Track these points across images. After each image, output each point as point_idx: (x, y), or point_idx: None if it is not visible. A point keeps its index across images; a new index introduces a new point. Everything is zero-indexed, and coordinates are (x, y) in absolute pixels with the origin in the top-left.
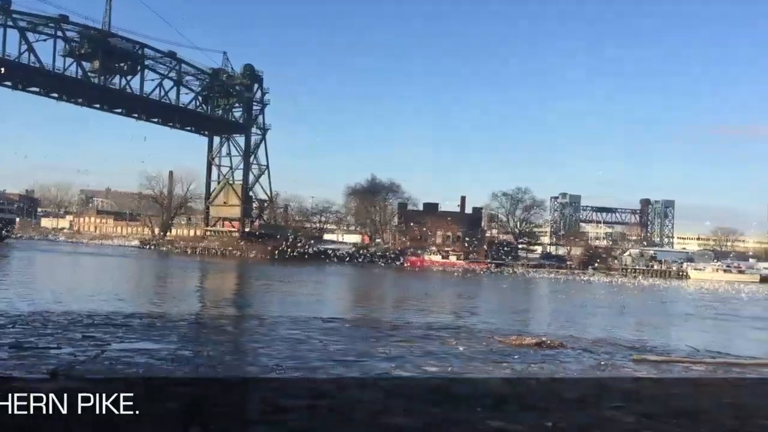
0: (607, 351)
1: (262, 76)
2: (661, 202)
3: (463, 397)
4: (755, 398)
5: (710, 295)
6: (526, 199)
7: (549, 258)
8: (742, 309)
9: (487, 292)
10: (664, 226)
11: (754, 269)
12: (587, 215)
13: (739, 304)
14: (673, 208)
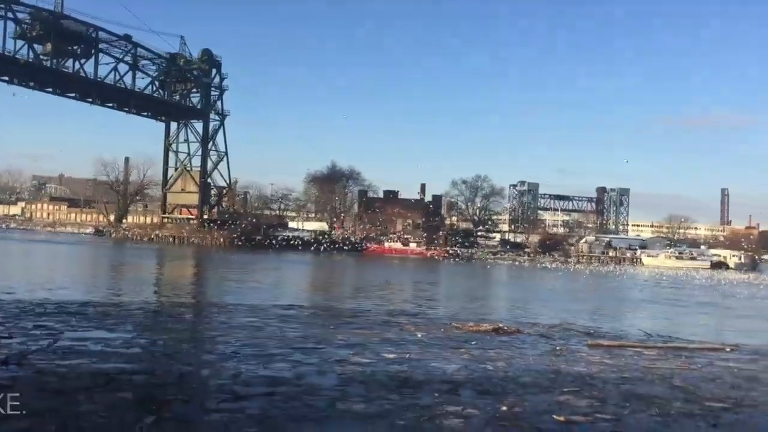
0: (563, 336)
1: (220, 62)
2: (616, 190)
3: (421, 383)
4: (704, 381)
5: (662, 281)
6: (485, 187)
7: (507, 245)
8: (693, 295)
9: (446, 279)
10: (620, 213)
11: (704, 256)
12: (545, 203)
13: (689, 290)
14: (628, 196)
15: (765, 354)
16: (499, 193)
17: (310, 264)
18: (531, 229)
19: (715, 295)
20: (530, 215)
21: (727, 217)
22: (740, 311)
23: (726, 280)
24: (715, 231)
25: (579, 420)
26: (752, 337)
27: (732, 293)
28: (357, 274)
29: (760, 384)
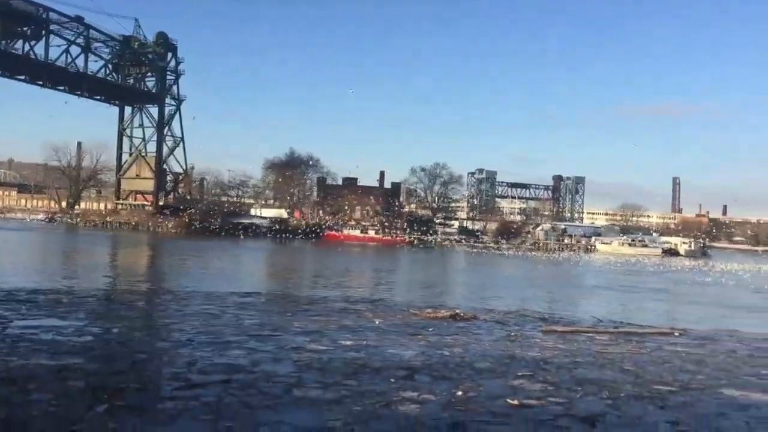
0: (518, 322)
1: (176, 45)
2: (572, 178)
3: (378, 369)
4: (653, 365)
5: (616, 268)
6: (444, 175)
7: (465, 233)
8: (645, 281)
9: (404, 266)
10: (575, 201)
11: (656, 243)
12: (503, 191)
13: (642, 276)
14: (584, 184)
15: (712, 338)
16: (458, 181)
17: (268, 251)
18: (489, 216)
19: (665, 282)
20: (488, 203)
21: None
22: (689, 297)
23: (676, 266)
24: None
25: (532, 404)
26: (700, 323)
27: (682, 280)
28: (315, 262)
29: (706, 367)
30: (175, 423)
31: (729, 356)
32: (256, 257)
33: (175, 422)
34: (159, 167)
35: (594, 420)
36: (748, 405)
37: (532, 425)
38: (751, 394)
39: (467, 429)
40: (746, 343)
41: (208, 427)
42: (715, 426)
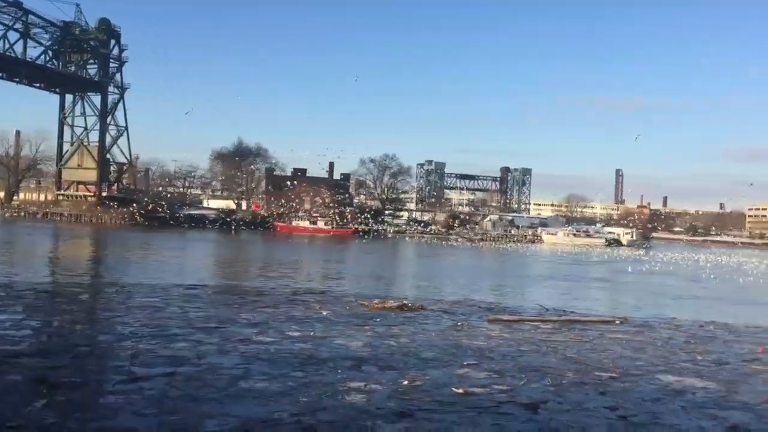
0: (465, 312)
1: (119, 32)
2: (519, 170)
3: (325, 360)
4: (595, 352)
5: (561, 258)
6: (393, 166)
7: (415, 223)
8: (588, 271)
9: (353, 258)
10: (522, 193)
11: (600, 234)
12: (451, 182)
13: (585, 266)
14: (530, 176)
15: (651, 326)
16: (407, 172)
17: (215, 243)
18: (438, 207)
19: (608, 271)
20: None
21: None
22: (630, 286)
23: (619, 256)
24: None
25: (477, 392)
26: (640, 311)
27: (624, 269)
28: (264, 253)
29: (644, 354)
30: (118, 417)
31: (666, 343)
32: (203, 249)
33: (118, 416)
34: (102, 157)
35: (536, 407)
36: (683, 390)
37: (477, 413)
38: (687, 379)
39: (413, 417)
40: (683, 330)
41: (152, 420)
42: (652, 411)
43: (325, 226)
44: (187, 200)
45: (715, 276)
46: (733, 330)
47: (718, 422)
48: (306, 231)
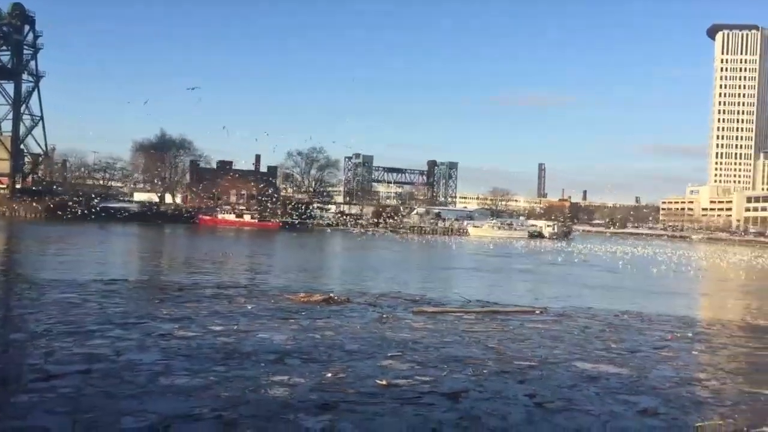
0: (390, 305)
1: (34, 18)
2: (446, 163)
3: (248, 354)
4: (515, 342)
5: (486, 250)
6: (321, 159)
7: (343, 216)
8: (512, 263)
9: (280, 251)
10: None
11: (523, 226)
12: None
13: (509, 258)
14: (457, 169)
15: (569, 316)
16: (335, 165)
17: (137, 237)
18: (365, 200)
19: (531, 263)
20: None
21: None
22: (551, 277)
23: (541, 248)
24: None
25: (400, 383)
26: (559, 301)
27: (545, 261)
28: (188, 247)
29: (562, 343)
30: (30, 416)
31: (583, 332)
32: (124, 243)
33: (30, 415)
34: (15, 148)
35: (458, 396)
36: (598, 377)
37: (400, 403)
38: (601, 366)
39: (336, 410)
40: (599, 319)
41: (65, 419)
42: (568, 397)
43: (252, 219)
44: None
45: (631, 267)
46: (646, 318)
47: (629, 407)
48: (232, 224)
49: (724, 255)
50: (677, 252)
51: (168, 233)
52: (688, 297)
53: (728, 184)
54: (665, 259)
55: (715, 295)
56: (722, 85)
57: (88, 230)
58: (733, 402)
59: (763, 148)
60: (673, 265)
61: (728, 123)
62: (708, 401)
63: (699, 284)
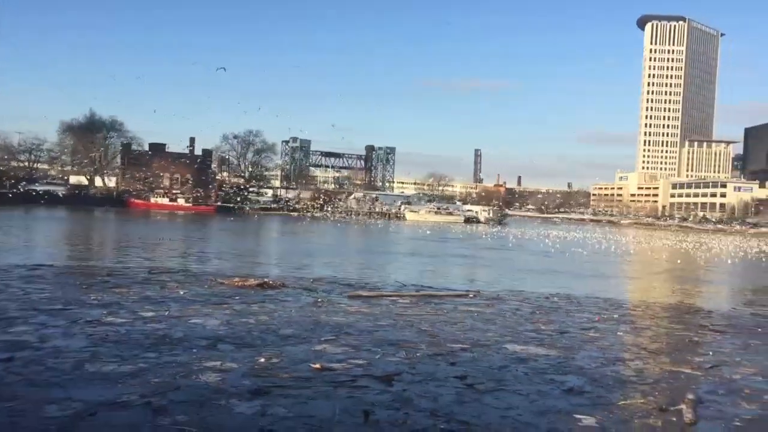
0: (326, 289)
1: None
2: (383, 148)
3: (180, 339)
4: (448, 325)
5: (423, 234)
6: (258, 143)
7: (280, 201)
8: (448, 247)
9: (215, 236)
10: (386, 171)
11: (459, 211)
12: (317, 160)
13: (445, 243)
14: (394, 154)
15: (501, 299)
16: (272, 149)
17: (64, 220)
18: (303, 185)
19: (466, 247)
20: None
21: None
22: (485, 261)
23: (477, 233)
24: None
25: (334, 366)
26: (493, 285)
27: (481, 245)
28: (118, 231)
29: (494, 325)
30: None
31: (514, 314)
32: (51, 227)
33: None
34: None
35: (391, 379)
36: (527, 358)
37: (333, 387)
38: (531, 348)
39: (269, 395)
40: (530, 302)
41: None
42: (498, 378)
43: (186, 203)
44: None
45: (563, 251)
46: (575, 301)
47: (556, 386)
48: (165, 208)
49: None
50: (606, 236)
51: (98, 217)
52: (615, 280)
53: (655, 171)
54: (594, 243)
55: (641, 277)
56: (650, 74)
57: (11, 214)
58: (654, 380)
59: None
60: (602, 249)
61: (656, 111)
62: (631, 380)
63: (626, 267)
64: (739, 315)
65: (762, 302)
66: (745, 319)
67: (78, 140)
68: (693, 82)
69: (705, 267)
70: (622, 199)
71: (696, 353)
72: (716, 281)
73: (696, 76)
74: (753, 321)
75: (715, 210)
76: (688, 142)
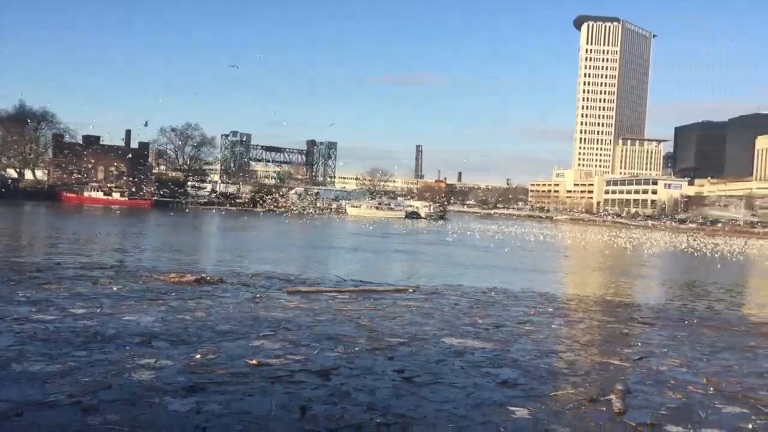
0: (265, 284)
1: None
2: (325, 143)
3: (112, 337)
4: (387, 320)
5: (364, 230)
6: (196, 136)
7: (220, 195)
8: (389, 242)
9: (152, 231)
10: (328, 166)
11: (401, 207)
12: (257, 154)
13: (386, 238)
14: (336, 149)
15: (440, 293)
16: (211, 143)
17: None
18: (243, 179)
19: (407, 243)
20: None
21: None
22: (426, 256)
23: (418, 228)
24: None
25: (271, 362)
26: (432, 279)
27: (421, 240)
28: (49, 226)
29: (432, 319)
30: None
31: (452, 309)
32: None
33: None
34: None
35: (328, 373)
36: (464, 351)
37: (270, 382)
38: (468, 341)
39: (204, 392)
40: (468, 296)
41: None
42: (435, 371)
43: (121, 197)
44: None
45: (501, 246)
46: (511, 295)
47: (491, 379)
48: (99, 202)
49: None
50: (543, 232)
51: (28, 212)
52: (551, 274)
53: (590, 168)
54: (532, 238)
55: (576, 272)
56: (586, 74)
57: None
58: (585, 372)
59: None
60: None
61: (591, 110)
62: (563, 372)
63: (562, 262)
64: (667, 308)
65: (688, 296)
66: (672, 311)
67: (6, 131)
68: (627, 82)
69: (636, 262)
70: (558, 195)
71: (625, 345)
72: (647, 275)
73: (629, 76)
74: (680, 314)
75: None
76: (622, 140)
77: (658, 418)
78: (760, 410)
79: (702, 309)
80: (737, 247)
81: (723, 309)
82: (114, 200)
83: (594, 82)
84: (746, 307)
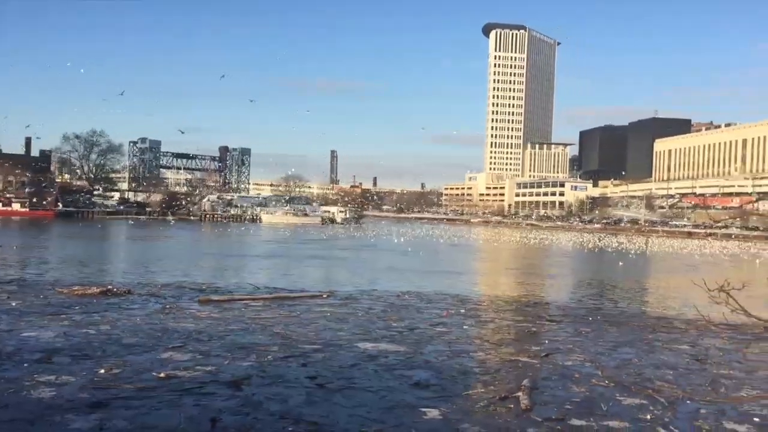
0: (175, 294)
1: None
2: (238, 149)
3: (10, 354)
4: (301, 326)
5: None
6: (102, 143)
7: (127, 204)
8: (304, 249)
9: (55, 242)
10: (242, 173)
11: (316, 212)
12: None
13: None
14: (250, 155)
15: (355, 298)
16: (118, 150)
17: None
18: (153, 187)
19: (323, 248)
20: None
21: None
22: (341, 262)
23: (334, 234)
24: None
25: (180, 374)
26: (347, 284)
27: (338, 246)
28: None
29: (346, 324)
30: None
31: (367, 313)
32: None
33: None
34: None
35: (240, 383)
36: (377, 355)
37: (178, 395)
38: (381, 345)
39: (108, 407)
40: (382, 300)
41: None
42: (349, 376)
43: (22, 208)
44: None
45: (416, 249)
46: (425, 298)
47: (404, 380)
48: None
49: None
50: (457, 234)
51: None
52: (464, 276)
53: (502, 171)
54: (446, 241)
55: (488, 273)
56: (495, 80)
57: None
58: (495, 370)
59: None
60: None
61: (501, 115)
62: (474, 371)
63: (475, 264)
64: (573, 306)
65: (594, 294)
66: (578, 309)
67: None
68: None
69: (546, 261)
70: (472, 198)
71: (534, 342)
72: (556, 275)
73: (536, 82)
74: (585, 311)
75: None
76: (530, 144)
77: (563, 412)
78: (657, 400)
79: (605, 306)
80: (639, 246)
81: (625, 306)
82: (14, 211)
83: (503, 88)
84: (646, 303)
